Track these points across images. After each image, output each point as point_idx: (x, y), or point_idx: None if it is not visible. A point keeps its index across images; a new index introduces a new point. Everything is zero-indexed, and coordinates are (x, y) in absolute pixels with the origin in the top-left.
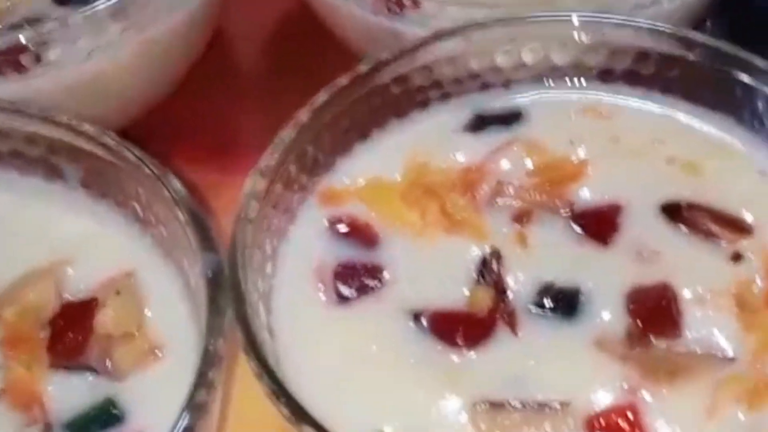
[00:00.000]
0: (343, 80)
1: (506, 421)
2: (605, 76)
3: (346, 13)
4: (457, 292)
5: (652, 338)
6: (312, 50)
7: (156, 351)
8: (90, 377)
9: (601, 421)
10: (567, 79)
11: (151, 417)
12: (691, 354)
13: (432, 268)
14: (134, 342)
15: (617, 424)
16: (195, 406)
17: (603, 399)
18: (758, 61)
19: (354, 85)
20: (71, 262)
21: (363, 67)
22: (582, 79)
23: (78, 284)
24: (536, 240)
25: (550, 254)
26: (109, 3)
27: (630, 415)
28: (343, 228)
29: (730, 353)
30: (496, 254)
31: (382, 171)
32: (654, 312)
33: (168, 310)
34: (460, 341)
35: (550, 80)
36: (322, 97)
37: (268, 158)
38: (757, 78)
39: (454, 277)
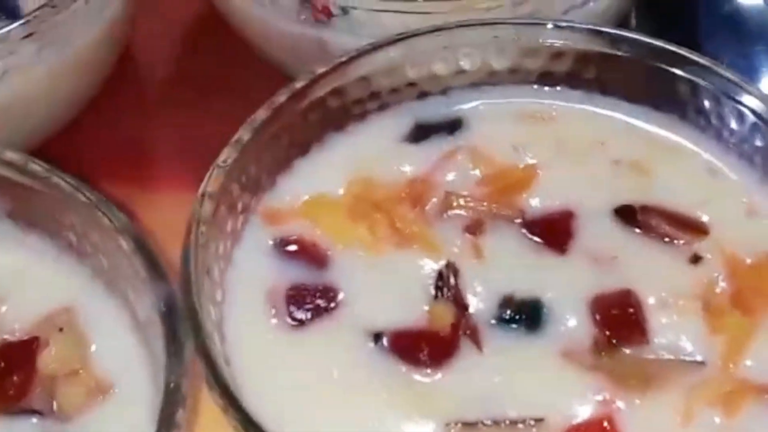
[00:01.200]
0: (281, 97)
1: None
2: (545, 79)
3: (265, 23)
4: (416, 309)
5: (620, 346)
6: (225, 61)
7: (104, 389)
8: (34, 420)
9: None
10: (506, 84)
11: None
12: (661, 361)
13: (387, 285)
14: (80, 380)
15: None
16: None
17: (577, 412)
18: (702, 59)
19: (292, 100)
20: (4, 299)
21: (300, 82)
22: (522, 84)
23: (12, 323)
24: (491, 251)
25: (507, 265)
26: (21, 23)
27: (606, 426)
28: (290, 248)
29: (699, 357)
30: (452, 267)
31: (325, 187)
32: (619, 319)
33: (114, 345)
34: (424, 360)
35: (490, 86)
36: (261, 114)
37: (214, 181)
38: (701, 75)
39: (411, 293)
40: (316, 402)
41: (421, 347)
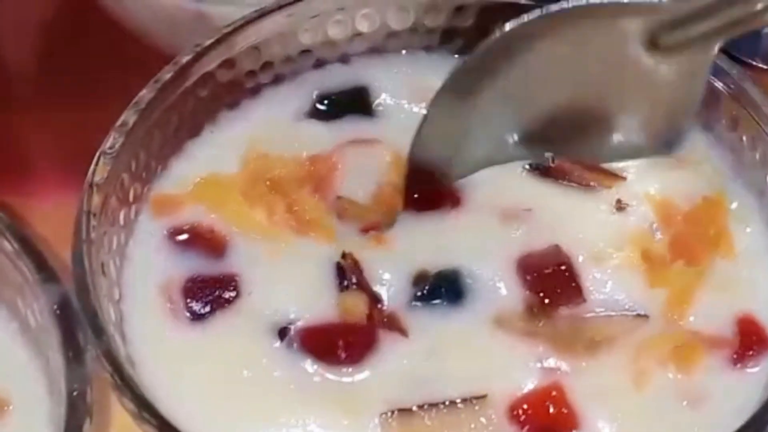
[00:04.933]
0: (166, 74)
1: (422, 428)
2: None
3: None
4: (324, 300)
5: (556, 307)
6: (95, 47)
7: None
8: None
9: (525, 407)
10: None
11: None
12: (602, 318)
13: (289, 275)
14: None
15: (543, 406)
16: None
17: (521, 384)
18: None
19: (178, 77)
20: None
21: (185, 56)
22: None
23: None
24: (392, 231)
25: (412, 240)
26: None
27: (554, 395)
28: (184, 237)
29: (641, 311)
30: (350, 258)
31: (219, 167)
32: (551, 279)
33: (5, 358)
34: (342, 356)
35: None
36: (146, 94)
37: (101, 170)
38: None
39: (315, 283)
40: (230, 404)
41: (337, 342)
